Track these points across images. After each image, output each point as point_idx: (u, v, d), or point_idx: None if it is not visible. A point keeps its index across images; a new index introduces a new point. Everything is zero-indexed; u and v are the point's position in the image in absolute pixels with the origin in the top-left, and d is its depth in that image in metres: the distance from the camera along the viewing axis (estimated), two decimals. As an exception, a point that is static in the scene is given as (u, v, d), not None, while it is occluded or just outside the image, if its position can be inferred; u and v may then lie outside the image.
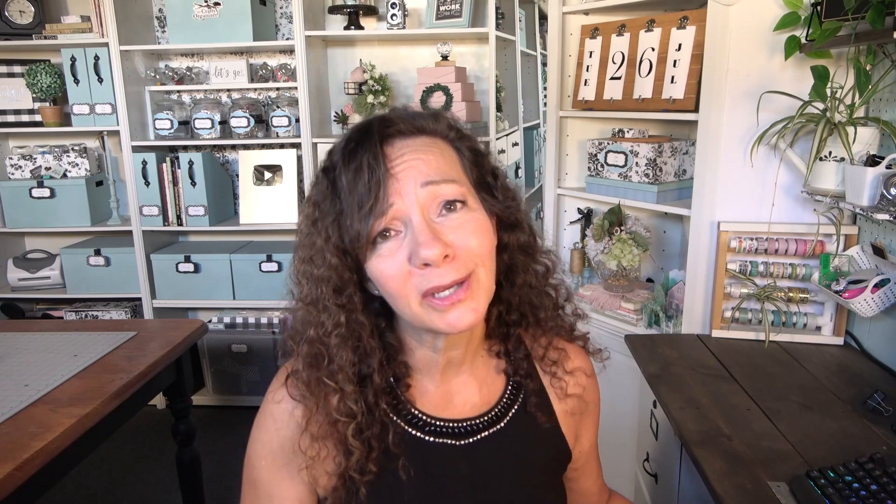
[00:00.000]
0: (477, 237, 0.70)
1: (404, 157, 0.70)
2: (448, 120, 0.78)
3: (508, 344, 0.85)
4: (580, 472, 0.96)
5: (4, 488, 1.16)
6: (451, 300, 0.68)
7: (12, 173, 2.92)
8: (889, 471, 1.01)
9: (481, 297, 0.71)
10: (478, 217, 0.72)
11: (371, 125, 0.73)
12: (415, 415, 0.80)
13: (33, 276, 3.03)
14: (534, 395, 0.85)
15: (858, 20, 1.31)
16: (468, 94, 2.74)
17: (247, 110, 2.84)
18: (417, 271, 0.68)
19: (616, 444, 1.99)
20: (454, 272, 0.68)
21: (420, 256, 0.66)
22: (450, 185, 0.70)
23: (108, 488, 2.51)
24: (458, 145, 0.76)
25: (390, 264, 0.69)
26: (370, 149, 0.69)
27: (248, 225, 2.94)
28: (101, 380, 1.55)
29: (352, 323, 0.74)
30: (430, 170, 0.70)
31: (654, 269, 2.22)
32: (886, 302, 1.41)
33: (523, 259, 0.82)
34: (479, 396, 0.83)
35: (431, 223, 0.68)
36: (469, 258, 0.69)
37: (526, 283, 0.82)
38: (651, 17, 1.87)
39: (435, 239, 0.67)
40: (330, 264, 0.73)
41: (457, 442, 0.80)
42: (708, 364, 1.56)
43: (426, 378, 0.81)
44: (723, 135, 1.66)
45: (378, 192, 0.68)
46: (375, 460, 0.75)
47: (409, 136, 0.73)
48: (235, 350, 3.01)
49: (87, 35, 2.78)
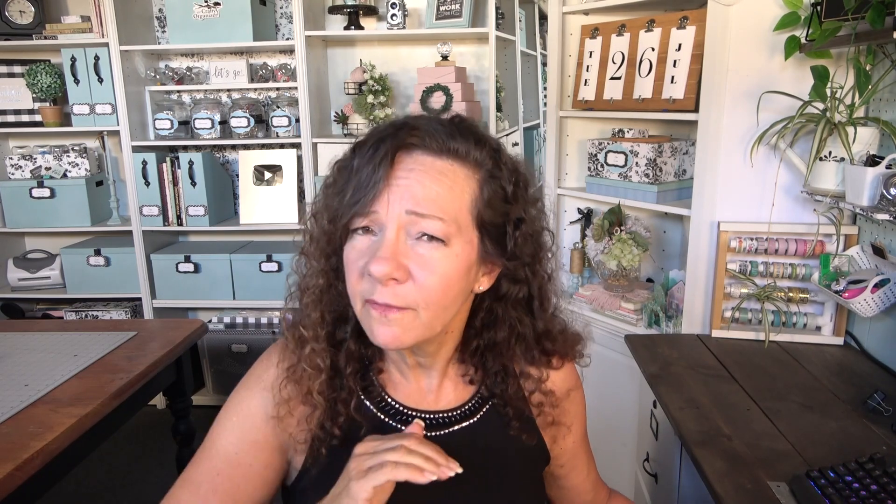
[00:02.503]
0: (435, 279, 0.68)
1: (410, 175, 0.69)
2: (493, 150, 0.73)
3: (486, 377, 0.84)
4: (567, 468, 0.96)
5: (4, 488, 1.16)
6: (383, 311, 0.69)
7: (12, 173, 2.92)
8: (889, 471, 1.01)
9: (410, 333, 0.70)
10: (450, 261, 0.69)
11: (402, 126, 0.71)
12: (387, 401, 0.81)
13: (33, 276, 3.03)
14: (515, 420, 0.84)
15: (858, 20, 1.31)
16: (468, 94, 2.74)
17: (247, 110, 2.84)
18: (368, 277, 0.68)
19: (616, 444, 1.99)
20: (392, 296, 0.67)
21: (369, 267, 0.67)
22: (435, 221, 0.68)
23: (108, 488, 2.51)
24: (484, 181, 0.72)
25: (354, 258, 0.70)
26: (386, 148, 0.69)
27: (248, 225, 2.94)
28: (101, 380, 1.55)
29: (331, 289, 0.78)
30: (425, 199, 0.68)
31: (654, 269, 2.22)
32: (886, 302, 1.41)
33: (516, 314, 0.80)
34: (453, 393, 0.84)
35: (401, 243, 0.68)
36: (414, 295, 0.68)
37: (512, 335, 0.81)
38: (651, 17, 1.87)
39: (391, 258, 0.66)
40: (324, 228, 0.75)
41: (429, 433, 0.80)
42: (708, 364, 1.56)
43: (398, 371, 0.82)
44: (723, 135, 1.66)
45: (369, 193, 0.68)
46: (341, 425, 0.77)
47: (431, 153, 0.70)
48: (235, 350, 3.01)
49: (87, 35, 2.78)
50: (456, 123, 0.74)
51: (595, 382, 2.01)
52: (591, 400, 0.99)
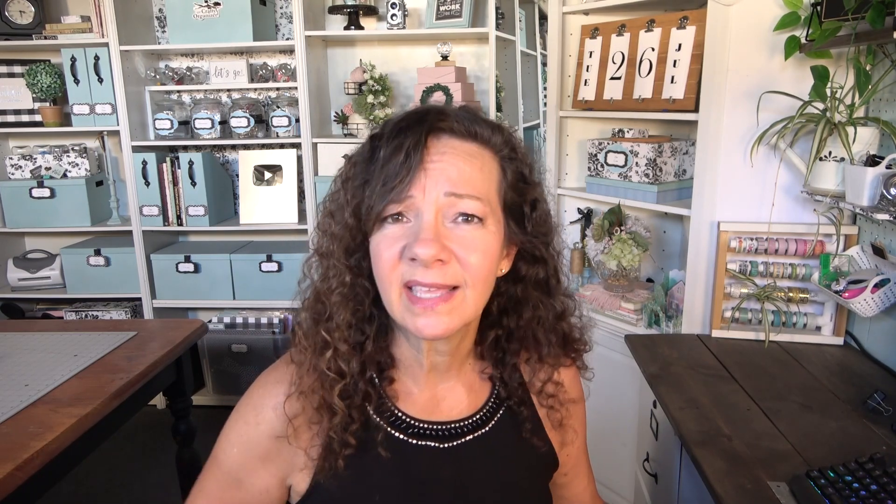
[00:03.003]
0: (478, 256, 0.69)
1: (443, 157, 0.69)
2: (508, 136, 0.76)
3: (504, 372, 0.84)
4: (570, 476, 0.95)
5: (4, 488, 1.16)
6: (427, 304, 0.68)
7: (12, 173, 2.92)
8: (889, 471, 1.01)
9: (457, 317, 0.70)
10: (489, 239, 0.71)
11: (429, 112, 0.72)
12: (398, 416, 0.79)
13: (33, 276, 3.02)
14: (528, 422, 0.85)
15: (858, 20, 1.32)
16: (468, 94, 2.74)
17: (247, 110, 2.84)
18: (407, 261, 0.68)
19: (616, 444, 1.99)
20: (440, 276, 0.67)
21: (413, 250, 0.66)
22: (473, 201, 0.69)
23: (108, 488, 2.51)
24: (505, 164, 0.75)
25: (387, 246, 0.69)
26: (416, 134, 0.69)
27: (248, 225, 2.93)
28: (101, 380, 1.55)
29: (356, 286, 0.75)
30: (461, 181, 0.69)
31: (654, 269, 2.22)
32: (886, 302, 1.41)
33: (537, 295, 0.81)
34: (466, 401, 0.83)
35: (441, 225, 0.68)
36: (460, 273, 0.69)
37: (534, 318, 0.81)
38: (651, 17, 1.87)
39: (434, 240, 0.66)
40: (346, 224, 0.73)
41: (440, 445, 0.79)
42: (708, 364, 1.56)
43: (410, 379, 0.80)
44: (723, 135, 1.66)
45: (404, 179, 0.67)
46: (355, 433, 0.75)
47: (459, 137, 0.72)
48: (235, 350, 3.01)
49: (87, 35, 2.78)
50: (472, 111, 0.75)
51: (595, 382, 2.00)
52: (591, 400, 0.99)
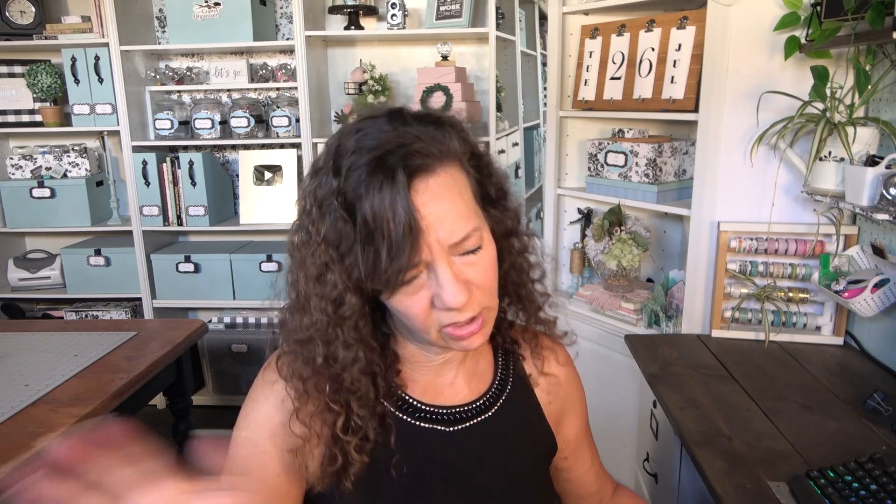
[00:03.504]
0: (489, 273, 0.72)
1: (429, 208, 0.66)
2: (457, 132, 0.72)
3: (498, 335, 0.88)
4: (571, 460, 0.96)
5: (4, 488, 1.16)
6: (467, 332, 0.71)
7: (13, 173, 2.92)
8: (889, 471, 1.01)
9: (490, 323, 0.74)
10: (490, 253, 0.72)
11: (394, 154, 0.65)
12: (405, 400, 0.80)
13: (33, 276, 3.03)
14: (528, 405, 0.88)
15: (858, 20, 1.32)
16: (468, 94, 2.74)
17: (247, 110, 2.84)
18: (438, 310, 0.69)
19: (616, 444, 1.99)
20: (472, 310, 0.70)
21: (445, 303, 0.67)
22: (472, 236, 0.69)
23: (108, 488, 2.51)
24: (466, 166, 0.72)
25: (414, 303, 0.69)
26: (400, 190, 0.64)
27: (248, 225, 2.94)
28: (101, 380, 1.55)
29: (367, 352, 0.74)
30: (456, 226, 0.67)
31: (654, 269, 2.22)
32: (886, 302, 1.41)
33: (507, 242, 0.81)
34: (468, 387, 0.84)
35: (453, 266, 0.68)
36: (482, 297, 0.71)
37: (511, 265, 0.82)
38: (651, 17, 1.87)
39: (461, 289, 0.67)
40: (352, 305, 0.71)
41: (446, 428, 0.80)
42: (708, 364, 1.56)
43: (415, 370, 0.82)
44: (723, 135, 1.66)
45: (413, 244, 0.65)
46: (369, 452, 0.75)
47: (429, 172, 0.67)
48: (235, 350, 3.01)
49: (87, 35, 2.78)
50: (420, 117, 0.71)
51: (595, 382, 2.01)
52: (591, 400, 1.00)
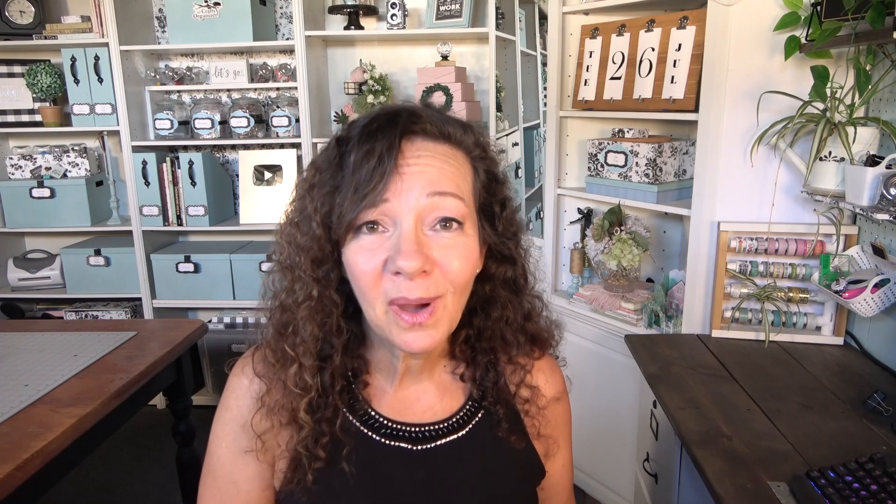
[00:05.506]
0: (460, 263, 0.68)
1: (419, 160, 0.67)
2: (477, 136, 0.74)
3: (476, 371, 0.82)
4: (549, 493, 0.91)
5: (4, 488, 1.16)
6: (412, 321, 0.67)
7: (12, 173, 2.92)
8: (889, 471, 1.01)
9: (442, 326, 0.69)
10: (468, 244, 0.70)
11: (399, 114, 0.69)
12: (371, 416, 0.78)
13: (33, 276, 3.02)
14: (505, 421, 0.82)
15: (858, 20, 1.32)
16: (468, 94, 2.74)
17: (247, 110, 2.84)
18: (390, 276, 0.66)
19: (616, 444, 1.99)
20: (424, 290, 0.66)
21: (397, 264, 0.64)
22: (455, 200, 0.68)
23: (108, 488, 2.51)
24: (476, 164, 0.73)
25: (367, 259, 0.67)
26: (388, 137, 0.66)
27: (248, 225, 2.93)
28: (101, 380, 1.55)
29: (324, 298, 0.73)
30: (442, 179, 0.67)
31: (654, 269, 2.22)
32: (886, 302, 1.41)
33: (505, 294, 0.79)
34: (440, 404, 0.81)
35: (420, 233, 0.66)
36: (444, 280, 0.67)
37: (502, 318, 0.79)
38: (651, 17, 1.87)
39: (418, 252, 0.64)
40: (314, 234, 0.71)
41: (413, 447, 0.77)
42: (708, 364, 1.56)
43: (384, 381, 0.80)
44: (723, 135, 1.66)
45: (378, 184, 0.65)
46: (325, 446, 0.74)
47: (433, 139, 0.70)
48: (235, 350, 3.00)
49: (87, 35, 2.78)
50: (440, 112, 0.74)
51: (595, 382, 2.01)
52: (591, 400, 0.99)
